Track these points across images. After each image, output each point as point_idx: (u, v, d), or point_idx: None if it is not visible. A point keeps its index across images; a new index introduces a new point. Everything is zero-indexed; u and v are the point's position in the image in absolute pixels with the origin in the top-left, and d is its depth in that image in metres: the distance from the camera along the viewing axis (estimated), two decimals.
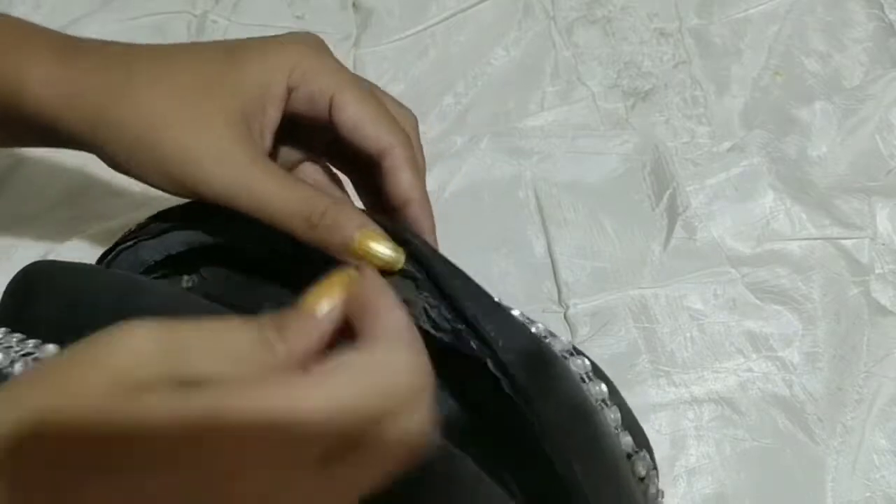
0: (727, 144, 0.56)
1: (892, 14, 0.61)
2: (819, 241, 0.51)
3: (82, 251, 0.53)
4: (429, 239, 0.34)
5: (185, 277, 0.40)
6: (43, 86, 0.32)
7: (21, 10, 0.64)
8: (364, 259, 0.30)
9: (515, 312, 0.33)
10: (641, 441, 0.32)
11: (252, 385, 0.21)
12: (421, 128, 0.38)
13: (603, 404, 0.31)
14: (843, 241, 0.52)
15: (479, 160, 0.56)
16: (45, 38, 0.33)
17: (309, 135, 0.36)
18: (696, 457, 0.46)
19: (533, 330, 0.32)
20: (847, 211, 0.53)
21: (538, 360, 0.28)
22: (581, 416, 0.28)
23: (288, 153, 0.37)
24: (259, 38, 0.33)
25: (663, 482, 0.45)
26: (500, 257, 0.53)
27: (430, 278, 0.30)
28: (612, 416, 0.31)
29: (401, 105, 0.37)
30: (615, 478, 0.28)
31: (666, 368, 0.48)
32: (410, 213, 0.34)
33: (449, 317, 0.30)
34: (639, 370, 0.48)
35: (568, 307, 0.50)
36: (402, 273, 0.31)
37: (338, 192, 0.38)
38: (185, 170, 0.31)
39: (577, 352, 0.32)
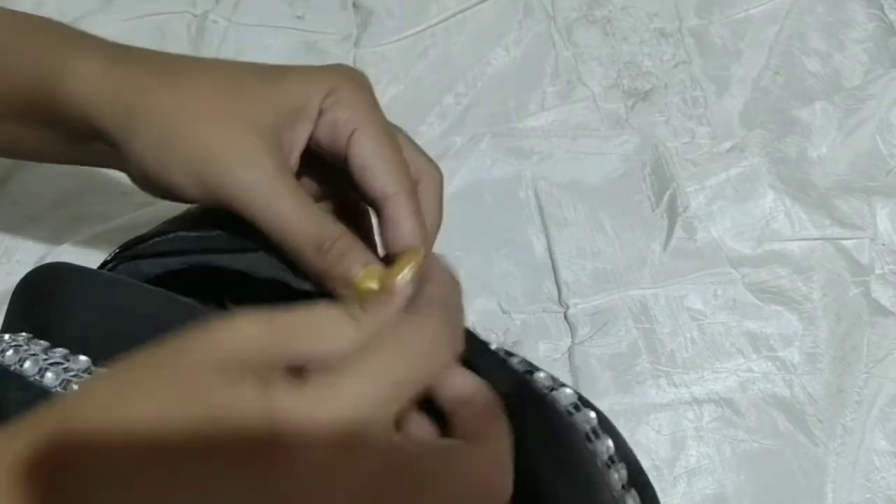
0: (727, 144, 0.56)
1: (892, 14, 0.60)
2: (819, 241, 0.51)
3: (82, 252, 0.53)
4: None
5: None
6: (84, 82, 0.32)
7: (23, 9, 0.63)
8: (362, 296, 0.30)
9: (515, 359, 0.32)
10: (649, 498, 0.31)
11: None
12: (421, 128, 0.38)
13: (610, 463, 0.30)
14: (843, 242, 0.52)
15: (479, 160, 0.56)
16: (93, 41, 0.35)
17: (334, 169, 0.36)
18: (697, 457, 0.46)
19: (537, 379, 0.31)
20: (847, 211, 0.53)
21: (541, 424, 0.28)
22: (586, 485, 0.27)
23: (312, 186, 0.37)
24: (304, 66, 0.34)
25: (664, 483, 0.45)
26: (500, 257, 0.53)
27: None
28: (618, 475, 0.29)
29: (429, 160, 0.36)
30: None
31: (666, 369, 0.48)
32: None
33: None
34: (639, 370, 0.48)
35: (568, 307, 0.50)
36: None
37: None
38: (212, 168, 0.31)
39: (584, 404, 0.30)
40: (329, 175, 0.36)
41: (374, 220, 0.35)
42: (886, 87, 0.57)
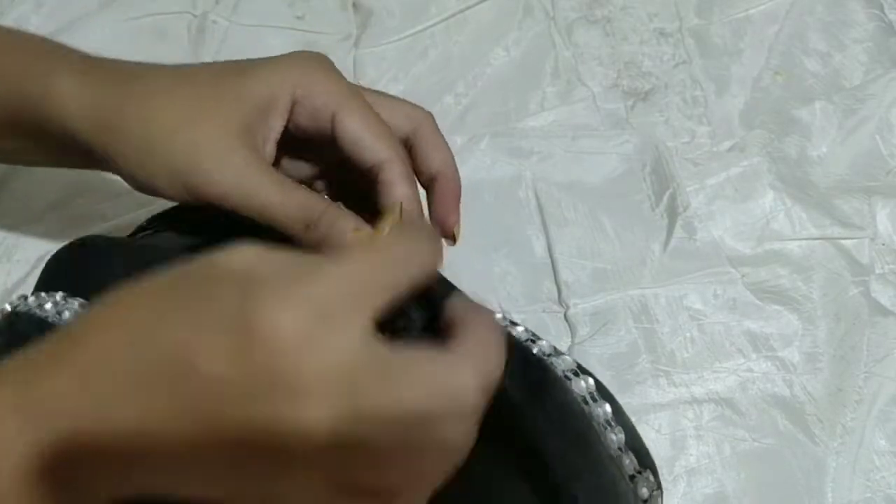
0: (727, 144, 0.56)
1: (892, 14, 0.60)
2: (819, 241, 0.51)
3: None
4: None
5: None
6: (63, 101, 0.34)
7: (22, 10, 0.64)
8: None
9: (519, 328, 0.33)
10: (646, 461, 0.31)
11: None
12: None
13: (606, 425, 0.30)
14: (843, 241, 0.52)
15: (479, 160, 0.56)
16: (67, 54, 0.36)
17: (316, 157, 0.38)
18: (696, 457, 0.46)
19: (535, 350, 0.31)
20: (847, 211, 0.53)
21: (536, 384, 0.28)
22: (580, 440, 0.28)
23: (304, 167, 0.39)
24: (268, 57, 0.36)
25: (664, 482, 0.45)
26: (500, 257, 0.53)
27: (427, 298, 0.30)
28: (615, 437, 0.30)
29: (413, 105, 0.38)
30: (615, 502, 0.28)
31: (666, 368, 0.48)
32: None
33: None
34: (639, 370, 0.48)
35: (568, 307, 0.50)
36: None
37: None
38: (191, 173, 0.32)
39: (582, 371, 0.31)
40: (318, 152, 0.38)
41: None
42: (886, 87, 0.57)
